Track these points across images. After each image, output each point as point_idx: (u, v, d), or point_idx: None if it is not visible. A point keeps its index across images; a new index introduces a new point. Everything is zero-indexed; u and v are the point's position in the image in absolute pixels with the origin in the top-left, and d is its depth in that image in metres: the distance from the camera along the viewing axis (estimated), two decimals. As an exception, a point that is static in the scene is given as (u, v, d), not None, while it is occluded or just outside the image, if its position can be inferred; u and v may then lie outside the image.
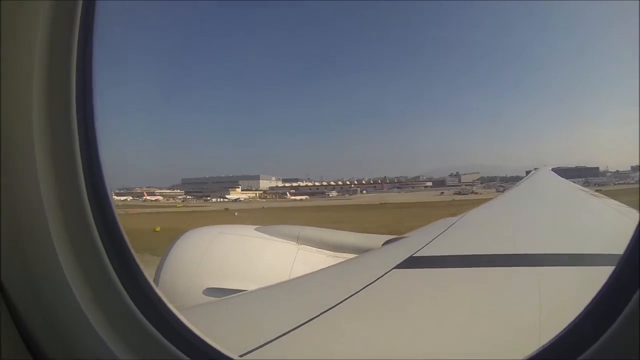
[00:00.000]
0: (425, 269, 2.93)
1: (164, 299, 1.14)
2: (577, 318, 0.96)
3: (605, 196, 5.88)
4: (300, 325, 1.79)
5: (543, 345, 1.02)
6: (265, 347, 1.52)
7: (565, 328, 0.98)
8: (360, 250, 4.42)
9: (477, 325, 1.90)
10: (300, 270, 4.20)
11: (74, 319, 1.01)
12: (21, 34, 0.98)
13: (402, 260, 3.02)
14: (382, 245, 4.27)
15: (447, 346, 1.69)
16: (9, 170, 0.99)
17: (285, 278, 4.11)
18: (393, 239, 4.35)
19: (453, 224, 4.56)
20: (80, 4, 1.01)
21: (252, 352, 1.46)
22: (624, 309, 0.83)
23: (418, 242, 3.65)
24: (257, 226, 5.32)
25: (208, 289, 4.18)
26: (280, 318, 2.03)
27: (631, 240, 0.90)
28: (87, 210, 1.02)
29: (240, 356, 1.31)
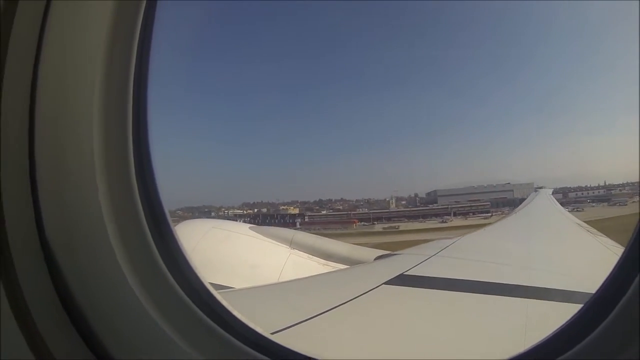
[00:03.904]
0: (413, 288, 2.99)
1: (212, 289, 1.15)
2: (563, 324, 1.01)
3: (602, 234, 5.90)
4: (295, 324, 1.85)
5: (528, 347, 1.07)
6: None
7: (551, 332, 1.03)
8: (352, 262, 4.46)
9: (452, 346, 1.97)
10: (290, 274, 4.21)
11: (135, 316, 1.02)
12: (84, 34, 0.99)
13: (392, 277, 3.08)
14: (374, 259, 4.31)
15: None
16: (67, 170, 1.00)
17: (274, 280, 4.12)
18: (385, 254, 4.40)
19: (446, 246, 4.62)
20: (143, 4, 1.01)
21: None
22: (608, 317, 0.89)
23: (409, 261, 3.70)
24: (251, 225, 5.33)
25: None
26: (276, 316, 2.07)
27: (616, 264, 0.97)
28: (139, 209, 1.04)
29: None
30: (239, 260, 4.56)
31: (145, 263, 1.04)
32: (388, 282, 2.94)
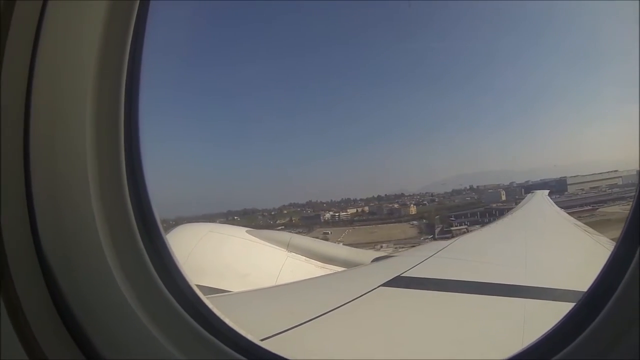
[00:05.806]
0: (410, 289, 3.00)
1: (200, 293, 1.17)
2: (556, 323, 1.03)
3: (598, 233, 5.93)
4: (292, 327, 1.86)
5: (522, 348, 1.08)
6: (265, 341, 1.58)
7: (544, 332, 1.04)
8: (349, 265, 4.47)
9: (450, 346, 1.99)
10: (288, 277, 4.21)
11: (125, 319, 1.03)
12: (79, 34, 0.99)
13: (389, 279, 3.09)
14: (372, 262, 4.32)
15: None
16: (61, 175, 1.00)
17: (272, 283, 4.12)
18: (382, 257, 4.41)
19: (443, 248, 4.64)
20: (136, 4, 1.02)
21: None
22: (596, 318, 0.91)
23: (406, 263, 3.72)
24: (248, 228, 5.34)
25: None
26: (273, 319, 2.08)
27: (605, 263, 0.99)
28: (130, 213, 1.05)
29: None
30: (236, 263, 4.55)
31: (136, 267, 1.05)
32: (385, 284, 2.96)
